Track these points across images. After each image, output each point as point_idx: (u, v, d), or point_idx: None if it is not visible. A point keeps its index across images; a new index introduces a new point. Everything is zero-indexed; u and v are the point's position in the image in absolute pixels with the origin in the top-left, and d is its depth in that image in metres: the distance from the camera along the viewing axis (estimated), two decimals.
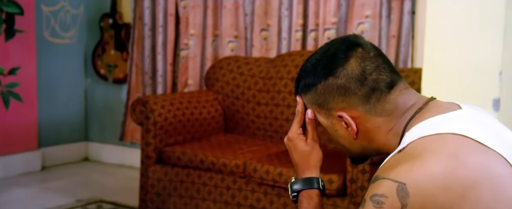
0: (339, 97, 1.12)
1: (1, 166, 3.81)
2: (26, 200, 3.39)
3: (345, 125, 1.14)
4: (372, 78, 1.10)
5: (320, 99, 1.14)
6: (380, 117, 1.12)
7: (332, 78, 1.11)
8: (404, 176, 0.98)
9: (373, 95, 1.11)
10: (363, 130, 1.13)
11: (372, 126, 1.13)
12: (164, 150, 2.94)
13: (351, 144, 1.17)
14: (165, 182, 2.93)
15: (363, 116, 1.12)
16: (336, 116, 1.13)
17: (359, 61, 1.11)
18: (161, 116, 2.96)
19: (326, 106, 1.14)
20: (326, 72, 1.12)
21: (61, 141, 4.24)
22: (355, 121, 1.13)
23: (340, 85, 1.11)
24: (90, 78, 4.33)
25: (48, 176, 3.91)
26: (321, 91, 1.13)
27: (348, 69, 1.11)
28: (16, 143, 3.90)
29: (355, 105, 1.11)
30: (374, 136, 1.14)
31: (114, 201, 3.37)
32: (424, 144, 1.02)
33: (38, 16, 4.02)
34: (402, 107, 1.12)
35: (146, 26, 3.90)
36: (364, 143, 1.16)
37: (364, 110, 1.12)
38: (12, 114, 3.82)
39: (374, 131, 1.13)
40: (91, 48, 4.26)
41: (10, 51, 3.80)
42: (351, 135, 1.14)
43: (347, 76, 1.10)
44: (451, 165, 0.98)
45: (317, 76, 1.13)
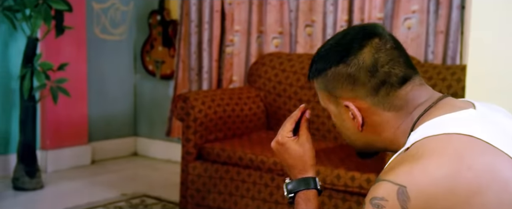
0: (348, 86, 1.08)
1: (53, 160, 3.92)
2: (74, 193, 3.48)
3: (352, 116, 1.10)
4: (384, 70, 1.06)
5: (329, 85, 1.10)
6: (389, 112, 1.07)
7: (342, 66, 1.08)
8: (405, 179, 0.93)
9: (382, 88, 1.06)
10: (369, 123, 1.09)
11: (380, 120, 1.08)
12: (204, 146, 2.95)
13: (356, 136, 1.13)
14: (204, 178, 2.93)
15: (371, 109, 1.08)
16: (344, 105, 1.10)
17: (373, 52, 1.06)
18: (201, 112, 2.97)
19: (334, 93, 1.11)
20: (338, 59, 1.08)
21: (111, 136, 4.32)
22: (362, 113, 1.09)
23: (349, 74, 1.07)
24: (139, 74, 4.40)
25: (97, 170, 4.00)
26: (330, 77, 1.09)
27: (360, 58, 1.06)
28: (67, 138, 4.00)
29: (363, 96, 1.08)
30: (381, 131, 1.09)
31: (158, 196, 3.40)
32: (427, 145, 0.97)
33: (89, 13, 4.11)
34: (412, 103, 1.07)
35: (192, 23, 3.92)
36: (370, 137, 1.11)
37: (372, 102, 1.07)
38: (63, 109, 3.93)
39: (382, 125, 1.09)
40: (140, 44, 4.33)
41: (61, 48, 3.89)
42: (356, 127, 1.10)
43: (357, 66, 1.06)
44: (454, 167, 0.93)
45: (328, 61, 1.09)
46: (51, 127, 3.91)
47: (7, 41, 3.68)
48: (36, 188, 3.49)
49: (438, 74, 2.82)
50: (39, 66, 3.42)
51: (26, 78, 3.38)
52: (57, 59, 3.79)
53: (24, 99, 3.44)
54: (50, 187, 3.58)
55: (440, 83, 2.78)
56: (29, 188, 3.47)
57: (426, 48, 3.15)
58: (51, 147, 3.92)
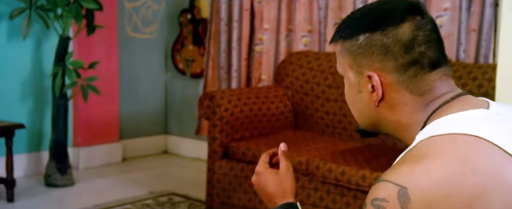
0: (378, 56, 1.02)
1: (85, 157, 3.98)
2: (104, 190, 3.52)
3: (371, 88, 1.04)
4: (419, 50, 1.01)
5: (357, 51, 1.04)
6: (410, 94, 1.03)
7: (379, 34, 1.02)
8: (406, 180, 0.90)
9: (412, 68, 1.01)
10: (387, 100, 1.04)
11: (399, 99, 1.03)
12: (229, 145, 2.94)
13: (368, 111, 1.07)
14: (230, 177, 2.93)
15: (394, 85, 1.03)
16: (366, 75, 1.04)
17: (413, 28, 1.01)
18: (227, 111, 2.96)
19: (360, 61, 1.04)
20: (376, 26, 1.02)
21: (142, 134, 4.37)
22: (383, 87, 1.03)
23: (384, 44, 1.01)
24: (169, 72, 4.43)
25: (128, 167, 4.04)
26: (362, 43, 1.03)
27: (400, 31, 1.01)
28: (98, 135, 4.06)
29: (391, 70, 1.02)
30: (396, 112, 1.05)
31: (185, 194, 3.42)
32: (431, 145, 0.93)
33: (121, 12, 4.15)
34: (434, 92, 1.03)
35: (222, 21, 3.92)
36: (382, 115, 1.06)
37: (397, 79, 1.02)
38: (95, 107, 3.98)
39: (399, 106, 1.04)
40: (171, 43, 4.35)
41: (93, 46, 3.95)
42: (373, 101, 1.05)
43: (395, 38, 1.01)
44: (458, 170, 0.89)
45: (364, 25, 1.03)
46: (83, 125, 3.97)
47: (40, 40, 3.74)
48: (67, 184, 3.55)
49: (469, 74, 2.75)
50: (70, 65, 3.47)
51: (57, 76, 3.44)
52: (89, 57, 3.84)
53: (56, 97, 3.49)
54: (81, 183, 3.64)
55: (470, 83, 2.71)
56: (60, 185, 3.53)
57: (458, 46, 3.07)
58: (83, 144, 3.98)
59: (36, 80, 3.74)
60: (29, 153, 3.76)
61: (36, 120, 3.77)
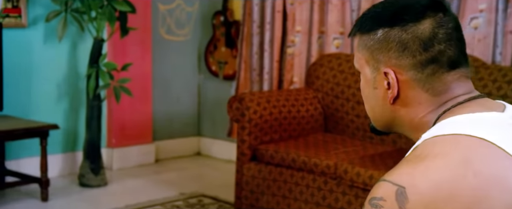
0: (395, 53, 0.99)
1: (118, 158, 4.04)
2: (136, 191, 3.55)
3: (387, 86, 1.01)
4: (439, 48, 0.98)
5: (375, 46, 1.02)
6: (426, 93, 1.00)
7: (398, 29, 0.99)
8: (405, 179, 0.87)
9: (430, 66, 0.98)
10: (402, 98, 1.01)
11: (414, 98, 1.01)
12: (258, 147, 2.93)
13: (382, 109, 1.04)
14: (258, 180, 2.92)
15: (410, 83, 1.00)
16: (383, 71, 1.01)
17: (434, 25, 0.98)
18: (256, 113, 2.95)
19: (377, 56, 1.02)
20: (395, 21, 1.00)
21: (175, 135, 4.40)
22: (399, 85, 1.01)
23: (403, 40, 0.99)
24: (202, 74, 4.45)
25: (160, 168, 4.08)
26: (380, 37, 1.01)
27: (420, 27, 0.98)
28: (132, 136, 4.10)
29: (407, 68, 0.99)
30: (410, 111, 1.02)
31: (215, 196, 3.42)
32: (434, 145, 0.91)
33: (155, 14, 4.20)
34: (450, 93, 1.00)
35: (254, 23, 3.91)
36: (396, 113, 1.03)
37: (413, 77, 0.99)
38: (129, 109, 4.03)
39: (413, 105, 1.01)
40: (204, 45, 4.37)
41: (128, 48, 4.00)
42: (388, 98, 1.02)
43: (414, 34, 0.98)
44: (459, 172, 0.86)
45: (383, 20, 1.01)
46: (117, 126, 4.02)
47: (76, 42, 3.81)
48: (100, 185, 3.60)
49: (504, 76, 2.67)
50: (103, 66, 3.52)
51: (91, 78, 3.49)
52: (123, 59, 3.89)
53: (90, 98, 3.55)
54: (114, 184, 3.68)
55: (505, 86, 2.63)
56: (93, 185, 3.58)
57: (494, 49, 2.99)
58: (116, 145, 4.03)
59: (72, 81, 3.81)
60: (64, 154, 3.83)
61: (71, 121, 3.83)
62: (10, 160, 3.56)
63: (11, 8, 3.53)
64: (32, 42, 3.63)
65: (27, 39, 3.60)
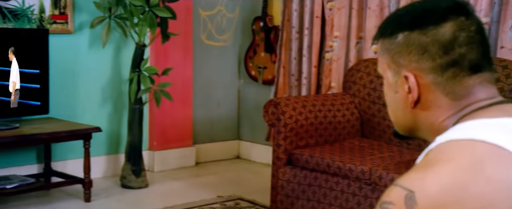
0: (415, 56, 1.00)
1: (159, 160, 4.12)
2: (175, 193, 3.62)
3: (407, 89, 1.02)
4: (460, 51, 0.98)
5: (395, 50, 1.02)
6: (446, 97, 1.00)
7: (418, 32, 0.99)
8: (415, 184, 0.87)
9: (450, 69, 0.98)
10: (423, 102, 1.01)
11: (434, 101, 1.00)
12: (293, 152, 2.96)
13: (403, 113, 1.05)
14: (294, 184, 2.94)
15: (430, 87, 1.00)
16: (403, 75, 1.01)
17: (455, 28, 0.98)
18: (292, 118, 2.98)
19: (398, 60, 1.02)
20: (415, 24, 1.00)
21: (215, 139, 4.46)
22: (419, 89, 1.01)
23: (422, 43, 0.99)
24: (242, 79, 4.50)
25: (200, 172, 4.14)
26: (400, 41, 1.01)
27: (440, 30, 0.98)
28: (173, 140, 4.19)
29: (427, 71, 0.99)
30: (430, 115, 1.02)
31: (252, 200, 3.46)
32: (447, 149, 0.90)
33: (196, 20, 4.27)
34: (471, 98, 0.99)
35: (293, 29, 3.94)
36: (417, 117, 1.03)
37: (433, 81, 0.99)
38: (170, 112, 4.12)
39: (433, 109, 1.01)
40: (244, 50, 4.42)
41: (169, 53, 4.09)
42: (409, 102, 1.02)
43: (434, 37, 0.98)
44: (470, 178, 0.86)
45: (404, 24, 1.01)
46: (158, 129, 4.11)
47: (119, 47, 3.92)
48: (141, 186, 3.69)
49: None
50: (145, 71, 3.61)
51: (133, 82, 3.59)
52: (165, 64, 3.98)
53: (131, 102, 3.65)
54: (155, 186, 3.77)
55: None
56: (135, 187, 3.67)
57: None
58: (158, 148, 4.12)
59: (115, 85, 3.92)
60: (107, 155, 3.94)
61: (114, 124, 3.95)
62: (57, 161, 3.69)
63: (58, 15, 3.66)
64: (78, 47, 3.75)
65: (73, 45, 3.73)
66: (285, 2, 3.99)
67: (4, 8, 3.46)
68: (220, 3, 4.40)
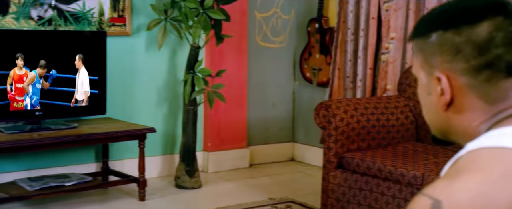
0: (448, 57, 0.95)
1: (214, 161, 4.16)
2: (227, 194, 3.65)
3: (440, 91, 0.97)
4: (496, 52, 0.92)
5: (428, 50, 0.98)
6: (480, 100, 0.95)
7: (452, 32, 0.95)
8: (442, 193, 0.83)
9: (485, 71, 0.93)
10: (456, 104, 0.96)
11: (468, 105, 0.96)
12: (344, 155, 2.91)
13: (437, 115, 1.00)
14: (344, 188, 2.90)
15: (463, 89, 0.95)
16: (436, 76, 0.97)
17: (491, 28, 0.93)
18: (343, 121, 2.94)
19: (430, 61, 0.98)
20: (450, 23, 0.95)
21: (270, 140, 4.46)
22: (452, 91, 0.96)
23: (456, 43, 0.94)
24: (297, 81, 4.48)
25: (254, 173, 4.15)
26: (433, 41, 0.97)
27: (475, 30, 0.93)
28: (227, 141, 4.21)
29: (461, 72, 0.94)
30: (464, 119, 0.97)
31: (304, 202, 3.43)
32: (478, 157, 0.86)
33: (251, 22, 4.29)
34: (508, 102, 0.94)
35: (349, 30, 3.89)
36: (451, 120, 0.98)
37: (467, 83, 0.95)
38: (225, 114, 4.15)
39: (467, 113, 0.96)
40: (299, 52, 4.40)
41: (224, 55, 4.12)
42: (441, 105, 0.97)
43: (468, 37, 0.93)
44: (500, 188, 0.81)
45: (438, 23, 0.97)
46: (212, 130, 4.15)
47: (175, 49, 3.98)
48: (195, 187, 3.73)
49: None
50: (199, 72, 3.65)
51: (187, 84, 3.64)
52: (220, 65, 4.02)
53: (185, 103, 3.69)
54: (208, 187, 3.80)
55: None
56: (188, 187, 3.72)
57: None
58: (212, 149, 4.15)
59: (171, 87, 3.99)
60: (163, 156, 4.01)
61: (169, 124, 4.01)
62: (115, 161, 3.78)
63: (117, 18, 3.75)
64: (135, 49, 3.84)
65: (131, 47, 3.82)
66: (340, 4, 3.95)
67: (66, 11, 3.58)
68: (275, 5, 4.40)
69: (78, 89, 3.40)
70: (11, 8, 3.40)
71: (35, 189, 3.16)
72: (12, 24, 3.40)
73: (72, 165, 3.64)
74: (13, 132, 3.15)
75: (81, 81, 3.41)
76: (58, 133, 3.22)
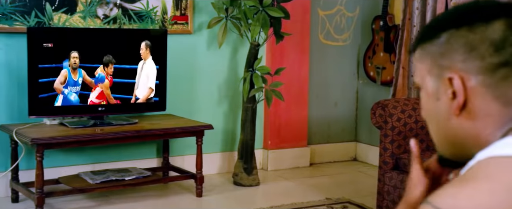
0: (462, 55, 0.89)
1: (274, 159, 4.15)
2: (284, 193, 3.62)
3: (451, 94, 0.91)
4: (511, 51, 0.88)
5: (438, 51, 0.92)
6: (496, 102, 0.88)
7: (465, 30, 0.90)
8: (448, 203, 0.79)
9: (501, 70, 0.87)
10: (469, 108, 0.89)
11: (482, 108, 0.89)
12: (401, 156, 2.82)
13: (446, 126, 0.93)
14: (400, 190, 2.81)
15: (478, 90, 0.88)
16: (447, 78, 0.91)
17: (506, 27, 0.88)
18: (400, 121, 2.84)
19: (441, 62, 0.92)
20: (462, 21, 0.91)
21: (331, 140, 4.39)
22: (466, 92, 0.89)
23: (471, 40, 0.89)
24: (361, 79, 4.39)
25: (313, 172, 4.11)
26: (444, 41, 0.91)
27: (490, 29, 0.88)
28: (287, 139, 4.19)
29: (475, 72, 0.88)
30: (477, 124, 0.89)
31: (361, 203, 3.36)
32: (486, 167, 0.81)
33: (314, 20, 4.24)
34: None
35: (414, 28, 3.77)
36: (463, 129, 0.91)
37: (482, 83, 0.88)
38: (285, 112, 4.13)
39: (481, 117, 0.89)
40: (363, 50, 4.31)
41: (285, 53, 4.09)
42: (453, 109, 0.90)
43: (483, 35, 0.88)
44: (507, 198, 0.76)
45: (449, 22, 0.92)
46: (273, 128, 4.13)
47: (237, 47, 4.00)
48: (252, 184, 3.73)
49: None
50: (258, 70, 3.65)
51: (246, 81, 3.64)
52: (280, 63, 4.00)
53: (244, 100, 3.70)
54: (266, 185, 3.79)
55: None
56: (246, 184, 3.72)
57: None
58: (272, 147, 4.14)
59: (231, 85, 4.01)
60: (223, 153, 4.04)
61: (229, 122, 4.03)
62: (175, 156, 3.85)
63: (179, 16, 3.81)
64: (197, 47, 3.89)
65: (192, 45, 3.87)
66: (406, 1, 3.83)
67: (130, 10, 3.67)
68: (340, 2, 4.33)
69: (140, 83, 3.46)
70: (78, 7, 3.52)
71: (96, 182, 3.27)
72: (79, 23, 3.52)
73: (135, 160, 3.73)
74: (76, 127, 3.27)
75: (146, 75, 3.46)
76: (119, 128, 3.30)
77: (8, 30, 3.32)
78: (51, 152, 3.44)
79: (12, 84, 3.36)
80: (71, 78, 3.30)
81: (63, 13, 3.47)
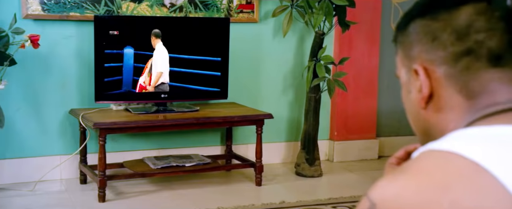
0: (425, 45, 0.85)
1: (340, 151, 4.07)
2: (345, 185, 3.54)
3: (419, 86, 0.86)
4: (476, 38, 0.80)
5: (406, 41, 0.89)
6: (459, 94, 0.82)
7: (428, 18, 0.85)
8: (378, 195, 0.75)
9: (464, 59, 0.81)
10: (435, 101, 0.84)
11: (447, 100, 0.83)
12: None
13: (418, 118, 0.88)
14: None
15: (442, 81, 0.83)
16: (413, 69, 0.87)
17: (471, 13, 0.81)
18: None
19: (409, 53, 0.88)
20: (427, 10, 0.86)
21: (401, 132, 4.25)
22: (431, 84, 0.84)
23: (432, 29, 0.84)
24: None
25: (381, 165, 3.99)
26: (411, 30, 0.87)
27: (453, 15, 0.83)
28: (355, 131, 4.10)
29: (439, 61, 0.83)
30: (442, 118, 0.84)
31: None
32: (421, 160, 0.75)
33: (386, 8, 4.10)
34: (487, 97, 0.81)
35: None
36: (430, 123, 0.86)
37: (445, 73, 0.83)
38: (353, 103, 4.03)
39: (446, 109, 0.84)
40: None
41: (353, 42, 3.99)
42: (420, 101, 0.86)
43: (445, 22, 0.83)
44: (434, 198, 0.70)
45: (415, 12, 0.88)
46: (339, 119, 4.06)
47: (303, 36, 3.95)
48: (314, 175, 3.69)
49: None
50: (321, 60, 3.58)
51: (309, 70, 3.59)
52: (348, 53, 3.91)
53: (307, 90, 3.65)
54: (328, 176, 3.73)
55: None
56: (307, 175, 3.68)
57: None
58: (338, 138, 4.07)
59: (296, 74, 3.97)
60: (287, 142, 4.01)
61: (294, 111, 4.00)
62: (239, 145, 3.87)
63: (245, 4, 3.82)
64: (262, 36, 3.87)
65: (258, 34, 3.86)
66: None
67: None
68: None
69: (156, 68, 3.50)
70: None
71: (157, 167, 3.35)
72: (146, 11, 3.61)
73: (199, 147, 3.80)
74: (140, 113, 3.36)
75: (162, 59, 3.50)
76: (180, 115, 3.36)
77: (79, 18, 3.47)
78: (119, 137, 3.57)
79: (83, 70, 3.51)
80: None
81: (131, 2, 3.57)
